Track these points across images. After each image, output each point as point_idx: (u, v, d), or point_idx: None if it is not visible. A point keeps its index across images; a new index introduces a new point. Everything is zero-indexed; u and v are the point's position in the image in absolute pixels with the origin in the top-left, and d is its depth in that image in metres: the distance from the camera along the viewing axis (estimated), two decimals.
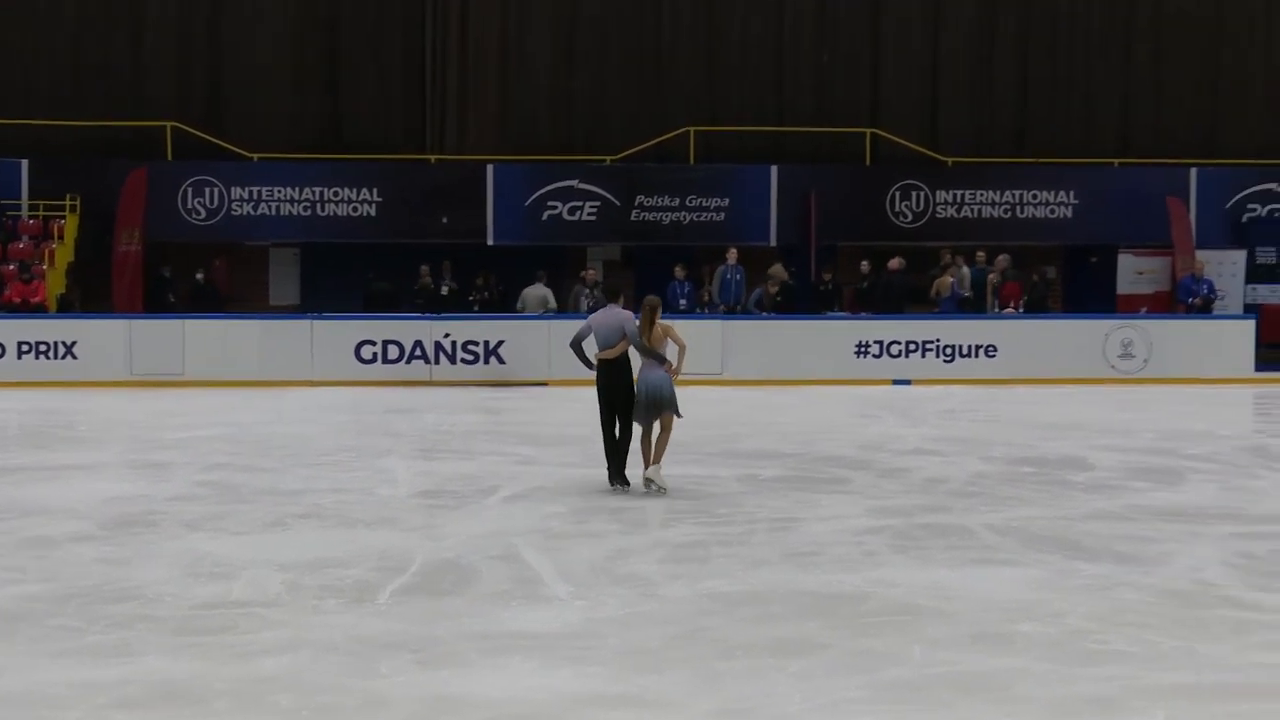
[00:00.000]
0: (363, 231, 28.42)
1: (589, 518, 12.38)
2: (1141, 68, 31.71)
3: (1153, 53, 31.73)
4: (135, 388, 23.92)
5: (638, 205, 28.73)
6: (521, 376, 24.74)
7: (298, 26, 30.43)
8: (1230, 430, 19.45)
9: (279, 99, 30.19)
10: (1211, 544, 11.24)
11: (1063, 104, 31.53)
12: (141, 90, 29.93)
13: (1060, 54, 31.64)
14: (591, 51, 30.78)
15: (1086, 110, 31.57)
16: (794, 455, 16.40)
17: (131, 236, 27.33)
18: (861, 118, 30.76)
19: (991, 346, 25.46)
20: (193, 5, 30.23)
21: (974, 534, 11.67)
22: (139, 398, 22.70)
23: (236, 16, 30.26)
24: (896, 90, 31.29)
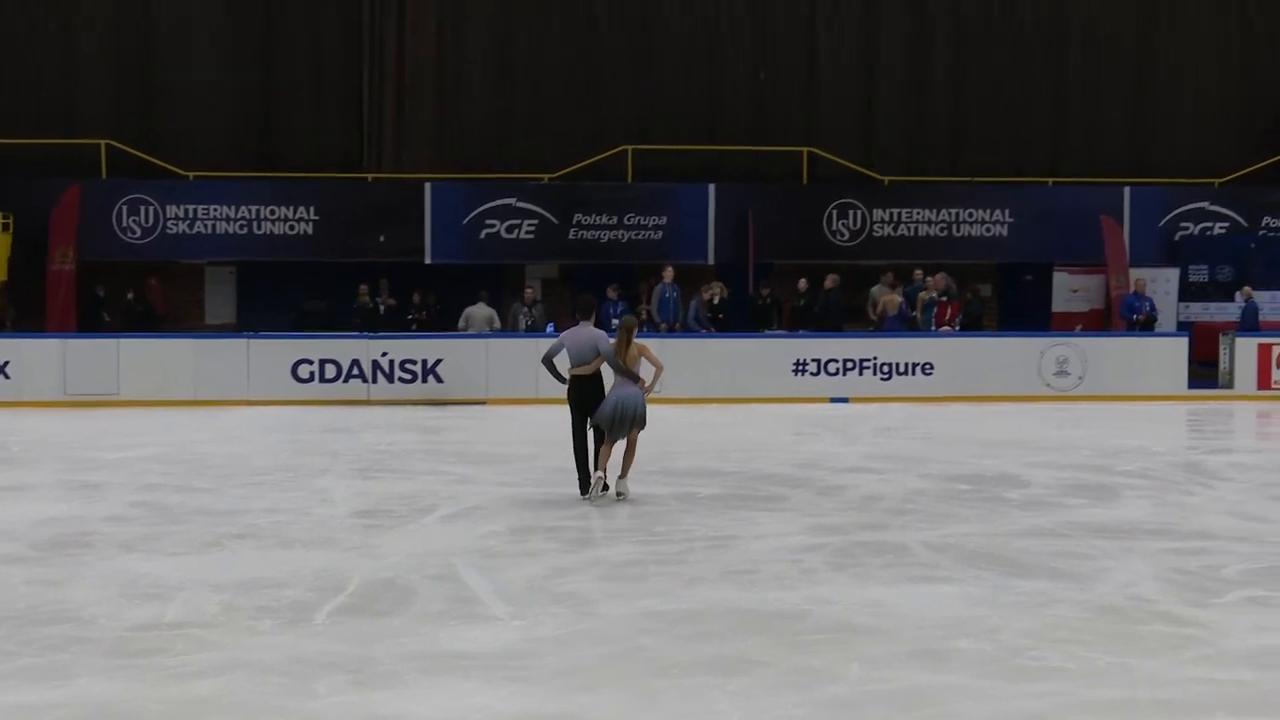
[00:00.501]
0: (299, 250, 28.29)
1: (527, 537, 12.36)
2: (1075, 87, 31.98)
3: (1086, 73, 32.00)
4: (69, 408, 23.74)
5: (576, 224, 28.75)
6: (459, 395, 24.70)
7: (234, 45, 30.29)
8: (1164, 447, 19.61)
9: (215, 117, 30.03)
10: (1146, 560, 11.33)
11: (998, 123, 31.76)
12: (75, 108, 29.72)
13: (995, 74, 31.87)
14: (528, 70, 30.78)
15: (1021, 129, 31.80)
16: (731, 473, 16.43)
17: (65, 255, 27.13)
18: (798, 136, 30.88)
19: (928, 364, 25.59)
20: (127, 22, 30.05)
21: (911, 551, 11.71)
22: (73, 418, 22.53)
23: (172, 34, 30.11)
24: (833, 109, 31.42)
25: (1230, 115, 32.18)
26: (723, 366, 25.23)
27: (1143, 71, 32.12)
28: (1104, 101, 31.97)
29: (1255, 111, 32.22)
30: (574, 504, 14.08)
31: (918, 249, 29.37)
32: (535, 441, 19.67)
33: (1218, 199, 30.09)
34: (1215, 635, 9.05)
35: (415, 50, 30.44)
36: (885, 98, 31.60)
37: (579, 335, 14.76)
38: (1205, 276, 29.12)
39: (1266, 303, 28.14)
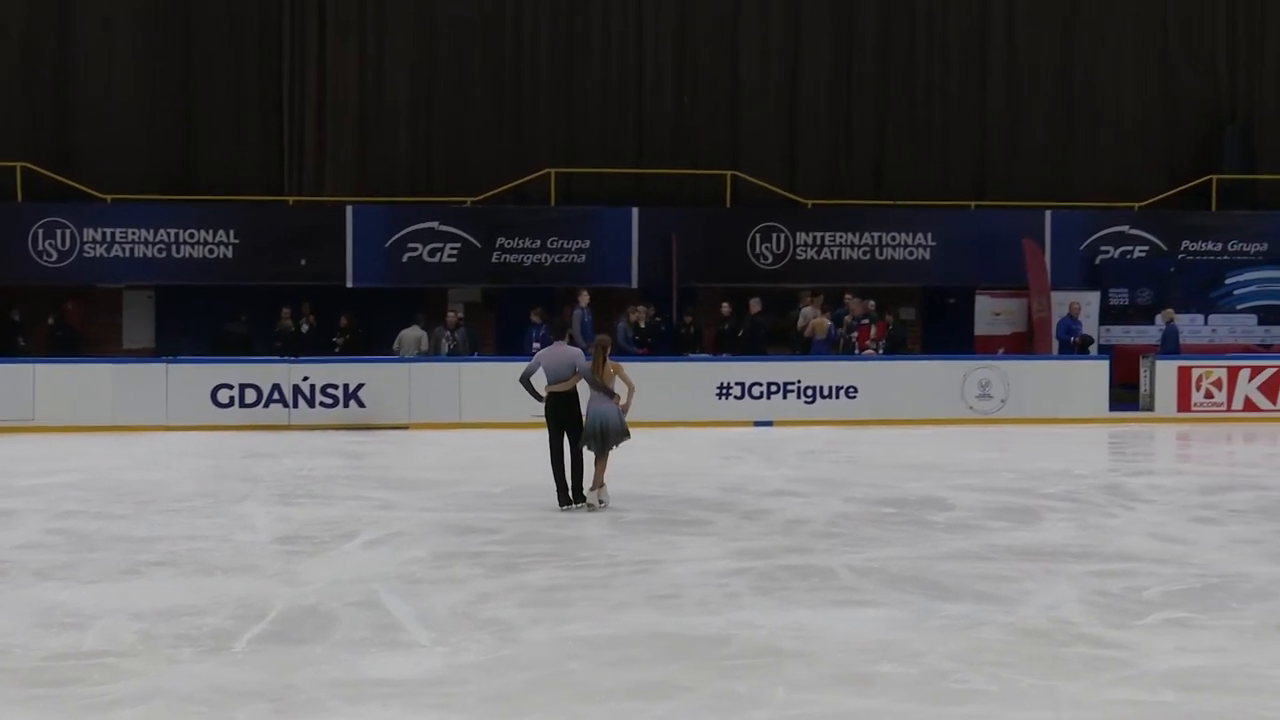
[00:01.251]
0: (219, 274, 28.09)
1: (450, 562, 12.32)
2: (996, 113, 32.25)
3: (1008, 98, 32.28)
4: None
5: (499, 247, 28.69)
6: (382, 420, 24.60)
7: (152, 66, 30.06)
8: (1086, 469, 19.76)
9: (133, 139, 29.79)
10: (1069, 582, 11.41)
11: (920, 147, 31.98)
12: None
13: (917, 98, 32.11)
14: (451, 92, 30.73)
15: (943, 153, 32.05)
16: (656, 497, 16.43)
17: None
18: (722, 160, 30.99)
19: (852, 388, 25.71)
20: (44, 44, 29.78)
21: (835, 575, 11.75)
22: None
23: (89, 56, 29.87)
24: (756, 133, 31.54)
25: (1150, 141, 32.55)
26: (646, 390, 25.17)
27: (1064, 97, 32.43)
28: (1025, 126, 32.27)
29: (1174, 137, 32.60)
30: (498, 529, 14.05)
31: (841, 272, 29.50)
32: (458, 466, 19.63)
33: (1138, 223, 30.41)
34: (1137, 657, 9.12)
35: (336, 72, 30.34)
36: (809, 121, 31.75)
37: (556, 354, 15.67)
38: (1126, 300, 29.39)
39: (1185, 326, 28.44)
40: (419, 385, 24.85)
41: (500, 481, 17.82)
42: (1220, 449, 23.01)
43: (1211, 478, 18.92)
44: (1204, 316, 29.45)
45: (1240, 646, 9.43)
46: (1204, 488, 17.51)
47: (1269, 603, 10.74)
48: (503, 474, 18.64)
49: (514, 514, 15.13)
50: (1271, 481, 18.30)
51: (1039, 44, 32.39)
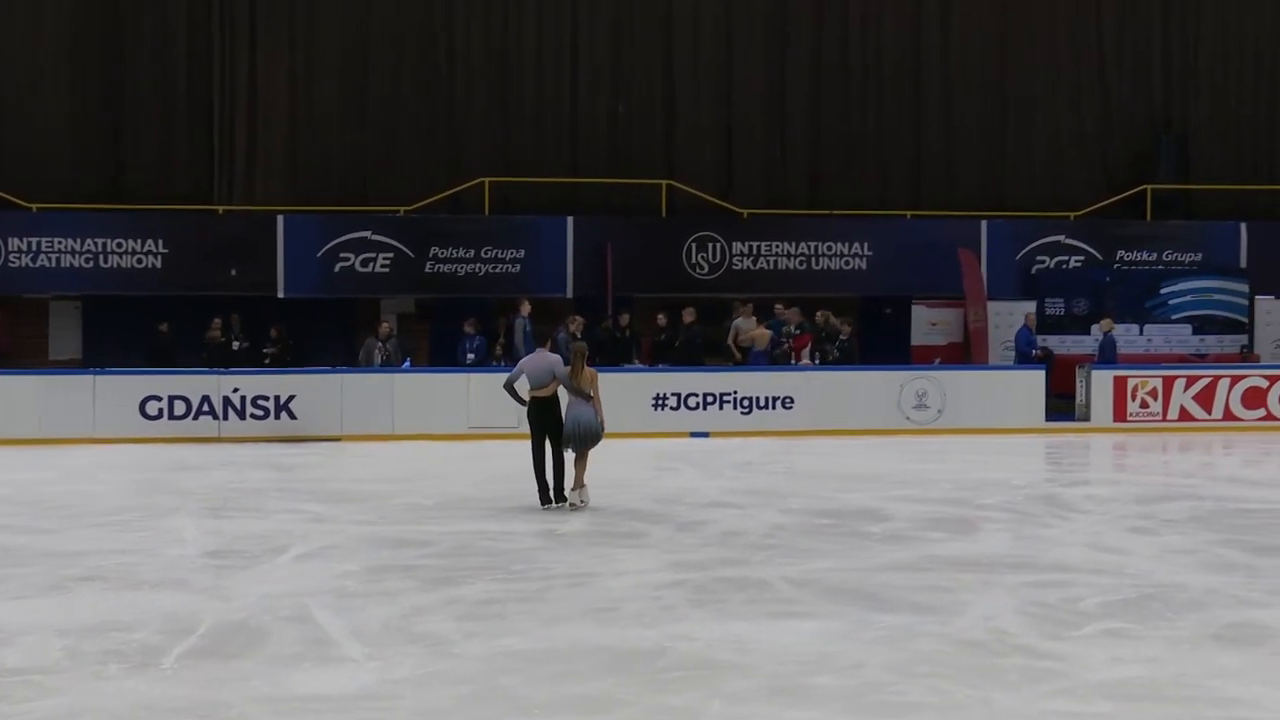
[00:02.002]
0: (148, 284, 27.87)
1: (383, 576, 12.27)
2: (932, 123, 32.40)
3: (943, 108, 32.44)
4: None
5: (432, 257, 28.61)
6: (313, 432, 24.47)
7: (80, 73, 29.82)
8: (1023, 480, 19.87)
9: (60, 147, 29.54)
10: (1005, 593, 11.46)
11: (856, 157, 32.08)
12: None
13: (853, 108, 32.20)
14: (383, 101, 30.63)
15: (879, 163, 32.16)
16: (591, 509, 16.41)
17: None
18: (658, 169, 31.01)
19: (788, 398, 25.76)
20: None
21: (772, 586, 11.77)
22: None
23: (15, 62, 29.61)
24: (691, 142, 31.58)
25: (1085, 151, 32.77)
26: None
27: (999, 107, 32.61)
28: (961, 136, 32.44)
29: (1109, 148, 32.84)
30: (432, 541, 14.02)
31: (777, 282, 29.55)
32: (391, 479, 19.56)
33: (1073, 233, 30.62)
34: (1074, 668, 9.17)
35: (267, 80, 30.18)
36: (744, 131, 31.81)
37: (537, 361, 16.79)
38: (1062, 309, 29.58)
39: (1121, 336, 28.63)
40: (351, 397, 24.74)
41: (434, 494, 17.77)
42: (1156, 459, 23.19)
43: (1147, 488, 19.06)
44: (1139, 326, 29.67)
45: (1175, 657, 9.50)
46: (1140, 498, 17.64)
47: (1204, 613, 10.82)
48: (436, 486, 18.59)
49: (448, 526, 15.10)
50: (1206, 491, 18.46)
51: (974, 54, 32.56)
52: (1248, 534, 14.72)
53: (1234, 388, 26.90)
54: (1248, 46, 33.48)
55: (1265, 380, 27.09)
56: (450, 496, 17.51)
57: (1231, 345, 29.78)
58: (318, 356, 27.46)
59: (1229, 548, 13.84)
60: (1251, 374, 27.33)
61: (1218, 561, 13.11)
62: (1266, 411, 26.92)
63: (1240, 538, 14.45)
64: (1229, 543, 14.13)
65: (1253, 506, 16.91)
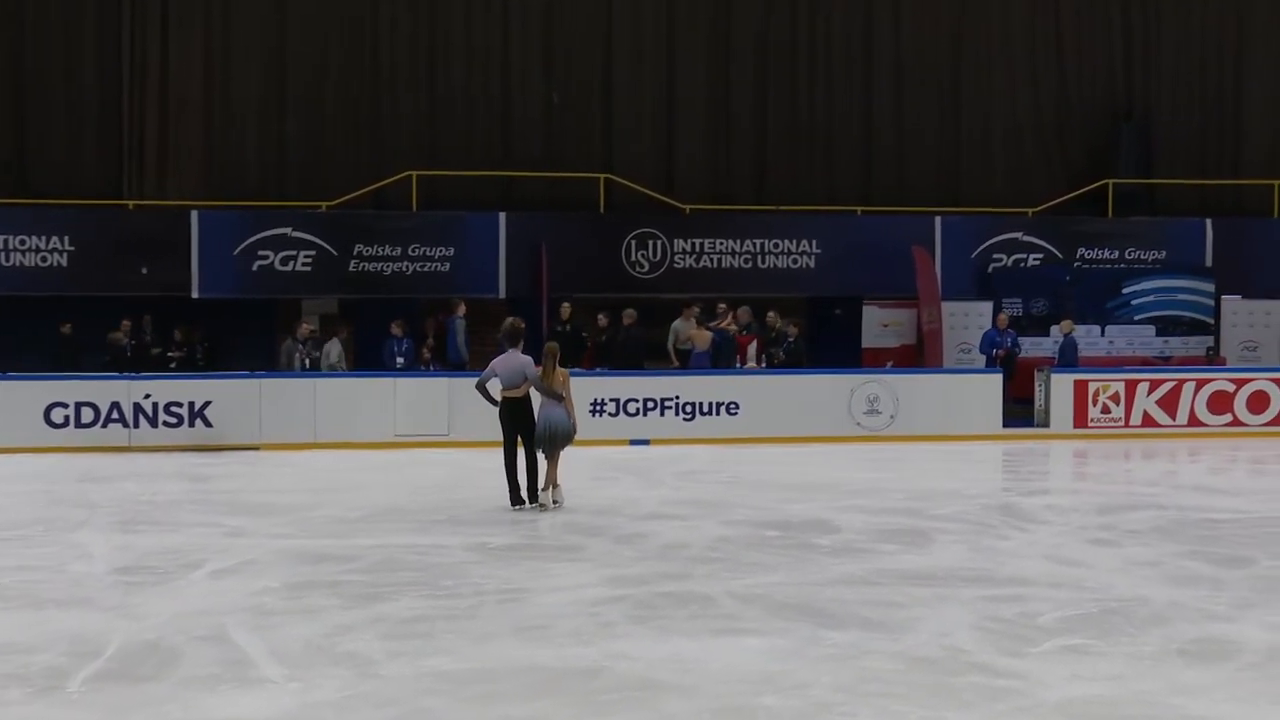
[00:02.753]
0: (52, 283, 27.65)
1: (305, 593, 12.22)
2: (883, 114, 32.49)
3: (894, 98, 32.55)
4: None
5: (356, 255, 28.50)
6: (230, 440, 24.36)
7: None
8: (978, 489, 19.97)
9: None
10: (960, 608, 11.51)
11: (804, 150, 32.15)
12: None
13: (800, 99, 32.27)
14: (304, 92, 30.50)
15: (828, 157, 32.25)
16: (525, 521, 16.42)
17: None
18: (595, 163, 31.00)
19: (733, 404, 25.78)
20: None
21: (716, 602, 11.78)
22: None
23: None
24: (631, 135, 31.58)
25: (1043, 143, 32.95)
26: None
27: (953, 97, 32.75)
28: (914, 128, 32.55)
29: (1068, 141, 33.03)
30: (356, 556, 13.98)
31: (721, 281, 29.56)
32: (312, 489, 19.50)
33: (1031, 229, 30.75)
34: (1032, 686, 9.22)
35: (180, 65, 30.01)
36: (687, 122, 31.83)
37: (509, 362, 17.57)
38: (1020, 310, 29.71)
39: (1082, 338, 28.78)
40: (270, 403, 24.64)
41: (358, 505, 17.71)
42: (1118, 467, 23.33)
43: (1109, 497, 19.17)
44: (1100, 328, 29.86)
45: (1138, 674, 9.56)
46: (1101, 508, 17.74)
47: (1167, 628, 10.90)
48: (361, 497, 18.54)
49: (373, 540, 15.05)
50: (1170, 501, 18.57)
51: (927, 42, 32.69)
52: (1213, 545, 14.84)
53: (1199, 392, 27.11)
54: (1211, 30, 33.70)
55: (1231, 384, 27.31)
56: (376, 508, 17.46)
57: (1197, 347, 30.00)
58: (235, 360, 27.30)
59: (1194, 560, 13.94)
60: (1217, 378, 27.55)
61: (1182, 574, 13.20)
62: (1233, 417, 27.14)
63: (1205, 549, 14.56)
64: (1194, 554, 14.24)
65: (1218, 516, 17.03)
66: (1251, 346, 30.91)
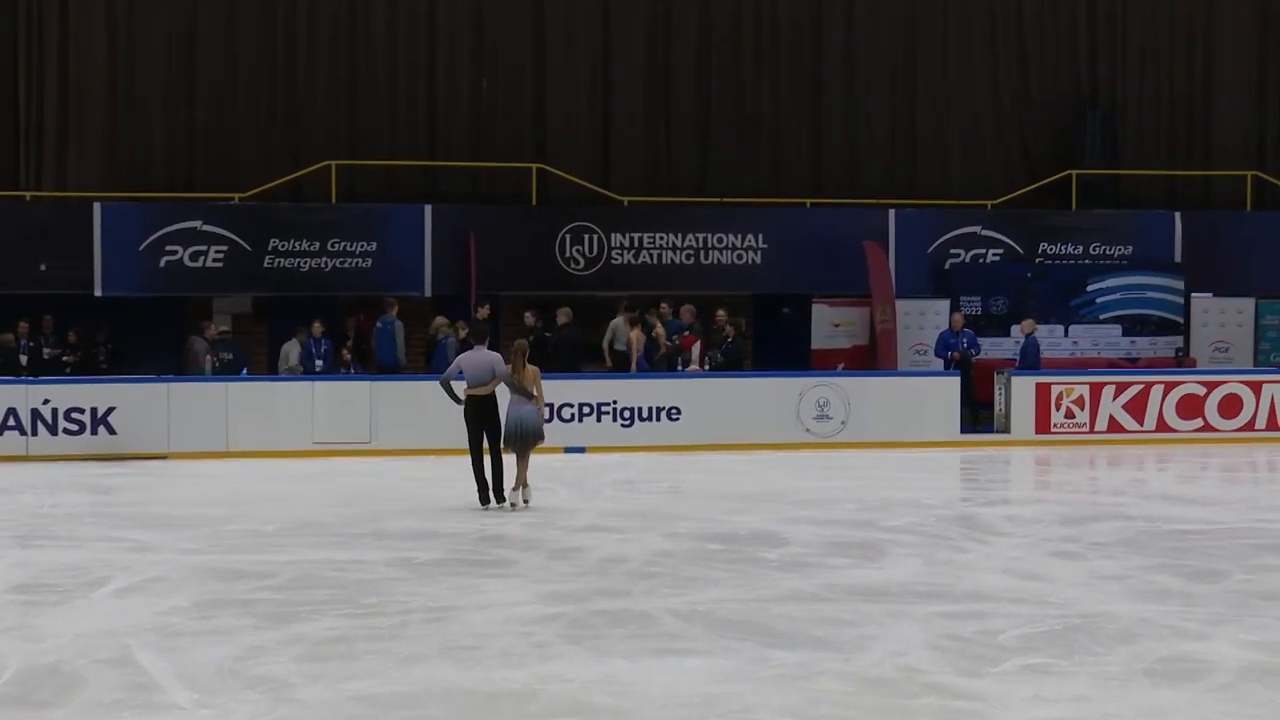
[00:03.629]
0: None
1: (216, 612, 12.17)
2: (834, 101, 32.54)
3: (845, 86, 32.56)
4: None
5: (271, 250, 28.35)
6: (136, 449, 24.22)
7: None
8: (935, 499, 20.03)
9: None
10: (916, 625, 11.55)
11: (749, 139, 32.17)
12: None
13: (745, 85, 32.28)
14: (215, 76, 30.33)
15: (775, 146, 32.28)
16: (452, 535, 16.39)
17: None
18: (526, 152, 30.94)
19: (674, 409, 25.79)
20: None
21: (656, 620, 11.79)
22: None
23: None
24: (565, 123, 31.53)
25: (1003, 132, 33.09)
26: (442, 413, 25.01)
27: (907, 86, 32.81)
28: (866, 116, 32.62)
29: (1029, 131, 33.18)
30: (271, 572, 13.93)
31: (661, 278, 29.55)
32: (224, 501, 19.42)
33: (991, 223, 30.82)
34: (992, 708, 9.25)
35: (81, 53, 29.81)
36: (624, 110, 31.81)
37: (476, 359, 18.54)
38: (979, 309, 29.77)
39: (1044, 338, 28.88)
40: (180, 409, 24.51)
41: (274, 518, 17.65)
42: (1082, 475, 23.45)
43: (1073, 507, 19.27)
44: (1064, 327, 30.01)
45: (1104, 695, 9.61)
46: (1065, 518, 17.84)
47: (1135, 645, 10.95)
48: (276, 510, 18.47)
49: (290, 555, 15.01)
50: (1137, 511, 18.68)
51: (880, 25, 32.76)
52: (1183, 558, 14.94)
53: (1168, 396, 27.26)
54: (1180, 14, 33.91)
55: (1203, 387, 27.47)
56: (292, 521, 17.40)
57: (1166, 348, 30.19)
58: (141, 363, 27.11)
59: (1163, 573, 14.02)
60: (1187, 380, 27.70)
61: (1150, 588, 13.28)
62: (1204, 422, 27.31)
63: (1175, 562, 14.65)
64: (1162, 568, 14.33)
65: (1188, 527, 17.15)
66: (1223, 347, 31.09)
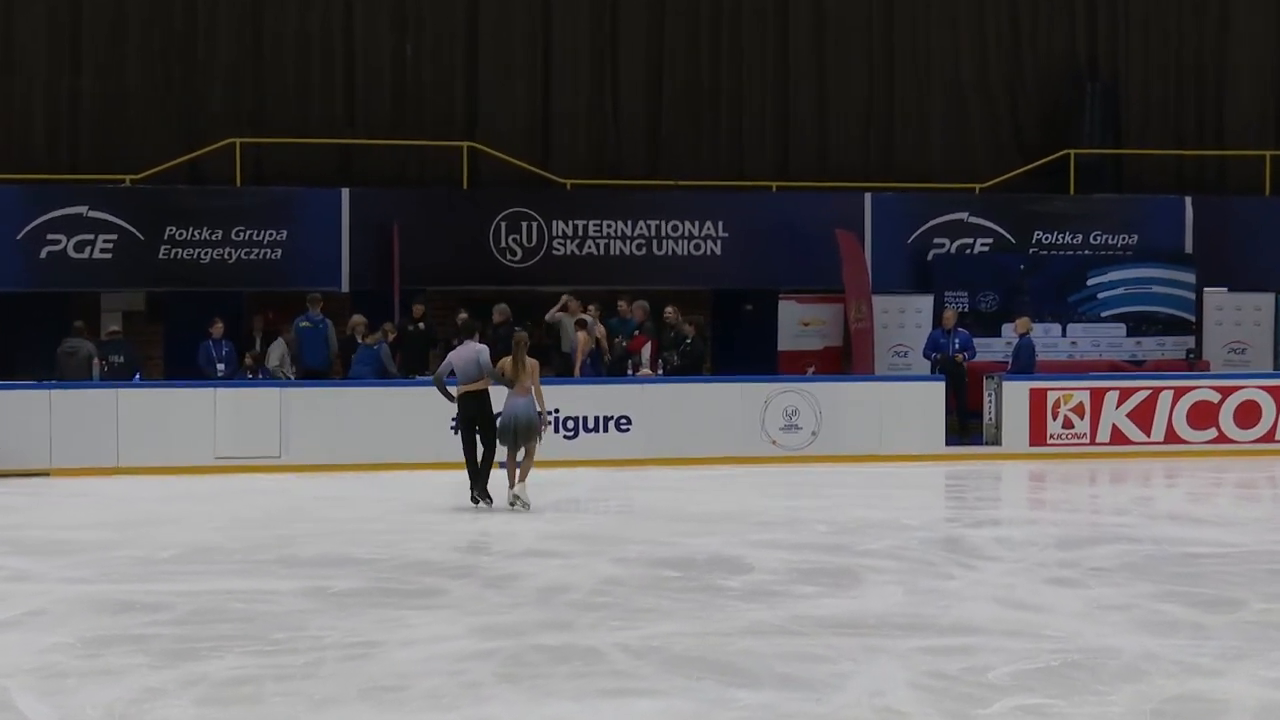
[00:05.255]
0: None
1: (105, 649, 12.11)
2: (802, 73, 32.58)
3: (814, 56, 32.59)
4: None
5: (168, 239, 28.28)
6: (12, 465, 24.13)
7: None
8: (917, 520, 20.06)
9: None
10: (896, 662, 11.56)
11: (708, 116, 32.18)
12: None
13: (702, 55, 32.26)
14: (103, 44, 30.25)
15: (737, 124, 32.29)
16: (373, 561, 16.35)
17: None
18: (457, 129, 30.92)
19: (624, 418, 25.78)
20: None
21: (603, 656, 11.78)
22: None
23: None
24: (500, 96, 31.51)
25: (992, 108, 33.19)
26: (361, 423, 25.01)
27: (885, 56, 32.88)
28: (838, 90, 32.64)
29: (1021, 106, 33.27)
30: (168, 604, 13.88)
31: (609, 271, 29.56)
32: (114, 524, 19.33)
33: (979, 209, 30.92)
34: None
35: None
36: (566, 81, 31.81)
37: (463, 354, 20.31)
38: (965, 305, 29.78)
39: (1040, 338, 28.88)
40: (63, 420, 24.40)
41: (170, 543, 17.58)
42: (1082, 492, 23.52)
43: (1071, 528, 19.32)
44: (1061, 326, 30.11)
45: None
46: (1062, 541, 17.88)
47: (1140, 683, 10.98)
48: (173, 533, 18.40)
49: (188, 585, 14.94)
50: (1143, 532, 18.75)
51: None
52: (1194, 585, 14.99)
53: (1178, 403, 27.32)
54: None
55: (1216, 393, 27.54)
56: (191, 546, 17.33)
57: (1175, 349, 30.30)
58: (19, 368, 27.01)
59: (1171, 602, 14.07)
60: (1200, 385, 27.77)
61: (1158, 619, 13.32)
62: (1218, 432, 27.39)
63: (1185, 589, 14.70)
64: (1171, 596, 14.37)
65: (1200, 550, 17.22)
66: (1239, 349, 31.21)
